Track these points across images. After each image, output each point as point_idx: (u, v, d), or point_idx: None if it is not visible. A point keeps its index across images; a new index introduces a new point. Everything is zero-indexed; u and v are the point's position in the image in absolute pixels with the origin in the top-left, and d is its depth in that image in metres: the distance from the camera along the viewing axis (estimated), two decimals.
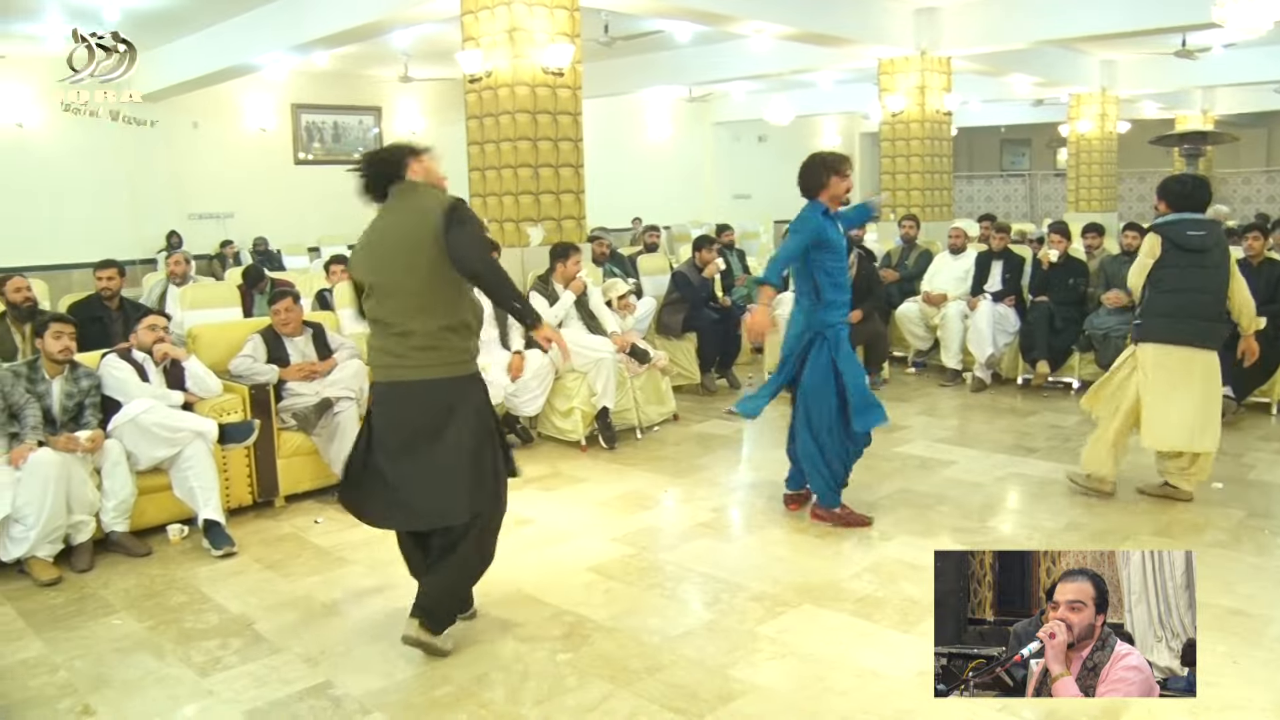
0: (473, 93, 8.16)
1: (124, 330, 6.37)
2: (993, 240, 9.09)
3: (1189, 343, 5.26)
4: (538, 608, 4.31)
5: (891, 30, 11.94)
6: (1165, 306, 5.29)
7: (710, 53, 14.71)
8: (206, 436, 5.29)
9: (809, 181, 5.17)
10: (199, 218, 14.91)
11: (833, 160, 5.17)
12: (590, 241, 8.98)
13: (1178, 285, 5.26)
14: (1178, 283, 5.26)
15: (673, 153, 20.48)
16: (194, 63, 12.76)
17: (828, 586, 4.46)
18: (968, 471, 6.21)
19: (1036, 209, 23.76)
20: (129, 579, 4.80)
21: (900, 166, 13.00)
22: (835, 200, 5.17)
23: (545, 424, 7.19)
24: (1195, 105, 19.91)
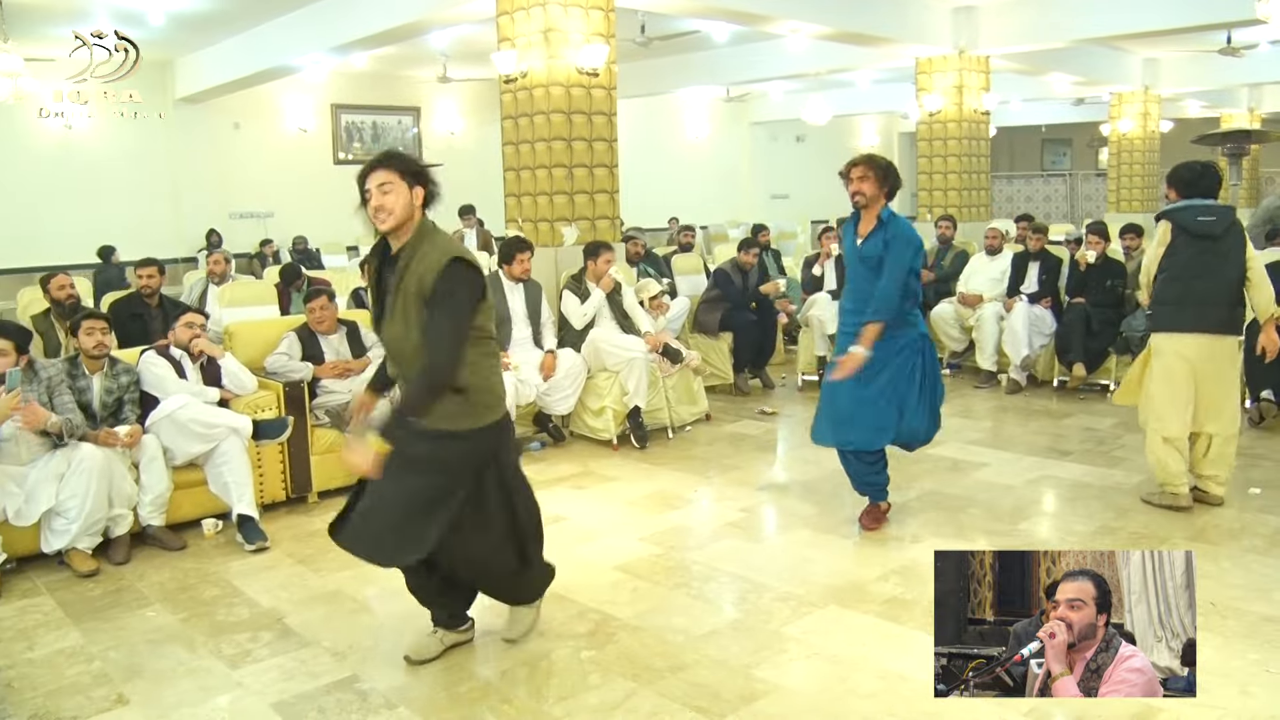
0: (508, 93, 8.21)
1: (163, 327, 6.47)
2: (1029, 241, 9.02)
3: (1202, 329, 5.20)
4: (564, 605, 4.33)
5: (929, 29, 11.87)
6: (1176, 294, 5.22)
7: (747, 52, 14.69)
8: (241, 433, 5.36)
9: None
10: (239, 217, 15.10)
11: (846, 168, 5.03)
12: (624, 241, 9.00)
13: (1189, 272, 5.18)
14: (1188, 270, 5.18)
15: (710, 153, 20.46)
16: (235, 64, 12.93)
17: (854, 588, 4.45)
18: (1000, 474, 6.17)
19: (1077, 209, 23.52)
20: (164, 572, 4.88)
21: (937, 166, 12.92)
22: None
23: (577, 422, 7.22)
24: (1241, 103, 19.61)
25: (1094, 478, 6.03)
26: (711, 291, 8.76)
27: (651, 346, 7.07)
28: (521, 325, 6.95)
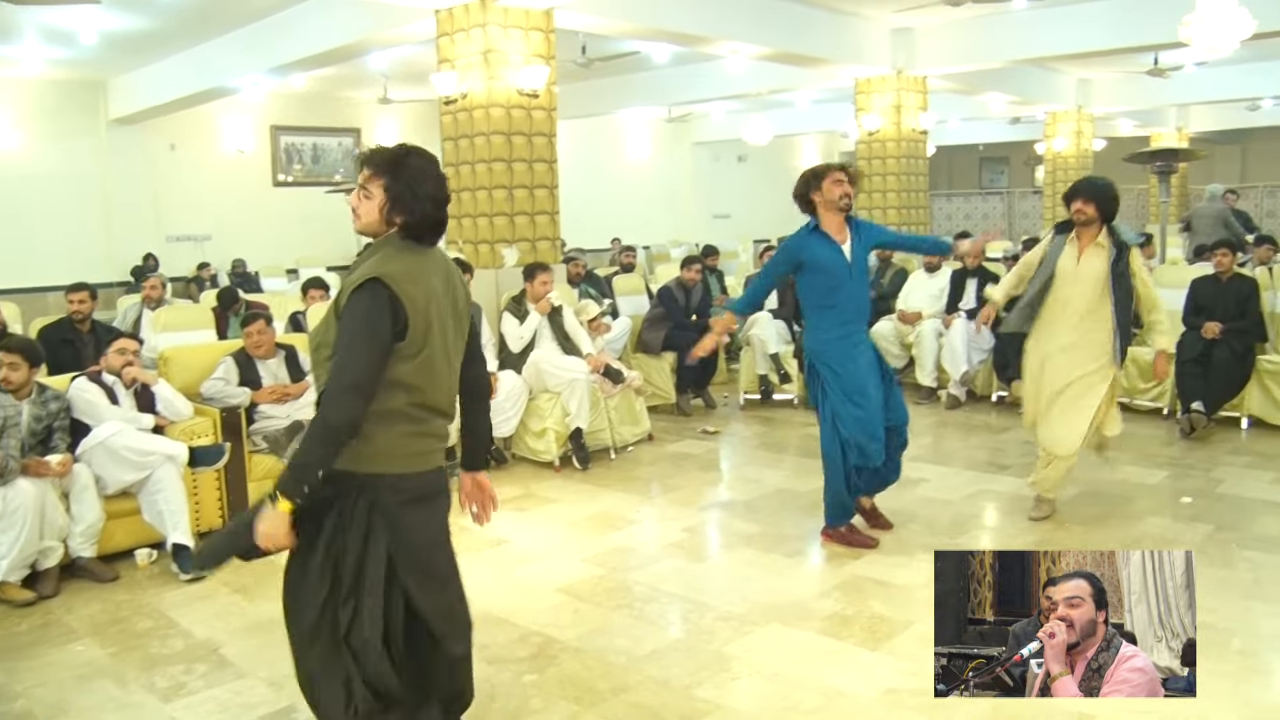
0: (448, 114, 8.19)
1: (95, 354, 6.35)
2: (967, 258, 9.15)
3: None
4: (506, 629, 4.30)
5: (867, 50, 12.02)
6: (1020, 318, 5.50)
7: (688, 73, 14.77)
8: (176, 460, 5.26)
9: (798, 196, 5.13)
10: (176, 240, 14.88)
11: (819, 168, 5.09)
12: (565, 262, 9.00)
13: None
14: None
15: (652, 173, 20.55)
16: (171, 85, 12.75)
17: (796, 605, 4.46)
18: (939, 489, 6.23)
19: (1015, 226, 23.87)
20: (94, 605, 4.77)
21: (877, 185, 13.07)
22: (830, 205, 5.01)
23: (519, 444, 7.18)
24: (1170, 123, 20.10)
25: (1031, 491, 6.10)
26: (655, 310, 8.78)
27: (593, 367, 7.06)
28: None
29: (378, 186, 2.76)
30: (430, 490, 2.89)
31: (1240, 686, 3.60)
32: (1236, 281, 7.58)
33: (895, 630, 4.16)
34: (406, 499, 2.81)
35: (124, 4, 9.74)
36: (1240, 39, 7.58)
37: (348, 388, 2.62)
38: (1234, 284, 7.56)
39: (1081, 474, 6.30)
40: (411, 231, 2.77)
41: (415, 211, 2.75)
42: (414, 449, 2.81)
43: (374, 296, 2.65)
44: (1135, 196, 21.28)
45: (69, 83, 13.75)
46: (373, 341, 2.64)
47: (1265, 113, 19.14)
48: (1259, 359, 7.45)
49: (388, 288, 2.65)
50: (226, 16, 10.58)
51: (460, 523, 5.62)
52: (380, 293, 2.64)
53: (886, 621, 4.25)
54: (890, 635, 4.11)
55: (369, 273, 2.67)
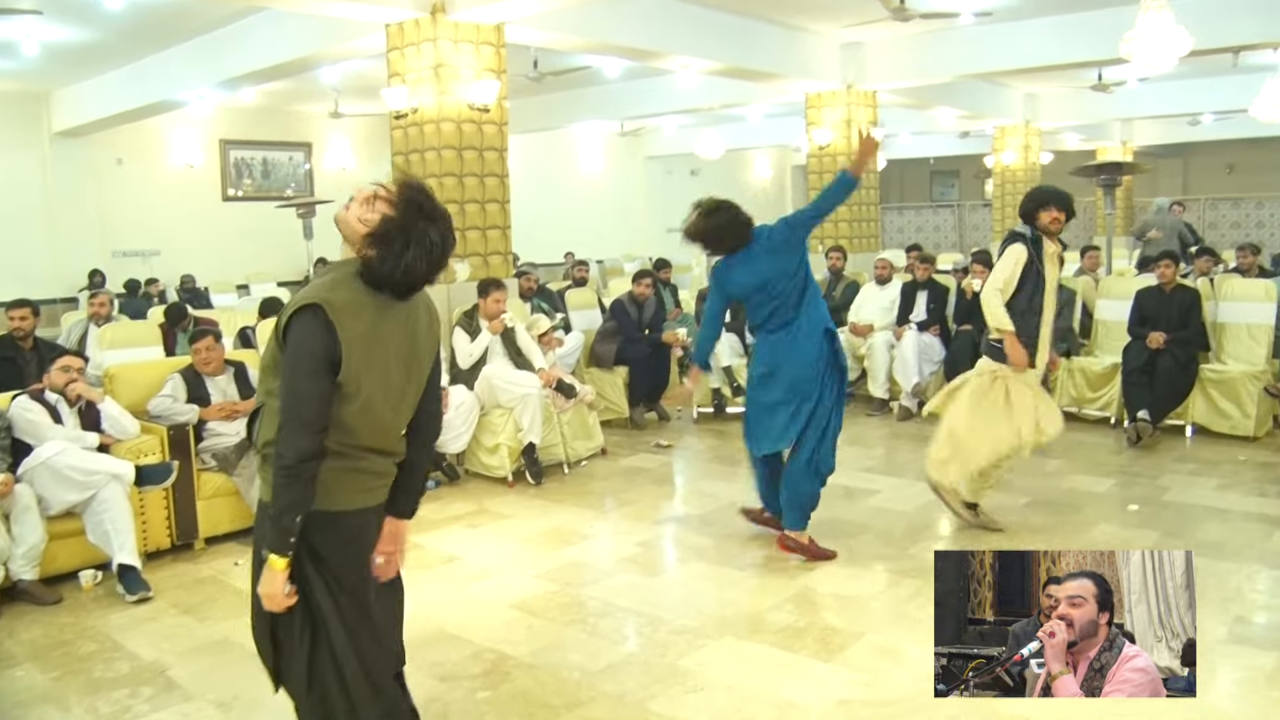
0: (398, 129, 8.15)
1: (38, 371, 6.22)
2: (917, 271, 9.24)
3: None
4: (459, 646, 4.27)
5: (817, 65, 12.12)
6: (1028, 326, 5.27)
7: (640, 88, 14.84)
8: (123, 479, 5.16)
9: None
10: (123, 255, 14.66)
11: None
12: (517, 277, 8.98)
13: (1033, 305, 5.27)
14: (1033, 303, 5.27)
15: (606, 187, 20.58)
16: (117, 98, 12.60)
17: (749, 618, 4.47)
18: (892, 500, 6.27)
19: (965, 239, 24.18)
20: (35, 629, 4.66)
21: None
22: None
23: (472, 460, 7.13)
24: (1115, 137, 20.48)
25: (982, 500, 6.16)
26: (608, 324, 8.78)
27: (545, 382, 7.03)
28: None
29: (382, 210, 2.57)
30: (369, 530, 2.77)
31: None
32: (1179, 292, 7.72)
33: (848, 641, 4.18)
34: (339, 538, 2.67)
35: (67, 16, 9.61)
36: (1178, 56, 7.75)
37: (295, 424, 2.50)
38: (1177, 295, 7.70)
39: (1031, 483, 6.40)
40: (370, 276, 2.58)
41: (385, 263, 2.53)
42: (349, 485, 2.66)
43: (313, 320, 2.51)
44: (1083, 209, 21.64)
45: (10, 95, 13.54)
46: (316, 371, 2.51)
47: (1205, 127, 19.56)
48: (1202, 368, 7.59)
49: (325, 314, 2.51)
50: (173, 29, 10.46)
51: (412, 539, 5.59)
52: (319, 316, 2.51)
53: (839, 633, 4.27)
54: (843, 646, 4.13)
55: (310, 297, 2.53)
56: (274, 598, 2.56)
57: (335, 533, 2.65)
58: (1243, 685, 3.72)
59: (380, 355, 2.62)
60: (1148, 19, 7.61)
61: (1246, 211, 21.55)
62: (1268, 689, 3.67)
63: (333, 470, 2.59)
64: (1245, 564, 4.94)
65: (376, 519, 2.79)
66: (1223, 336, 7.92)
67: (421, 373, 2.79)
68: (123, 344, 7.75)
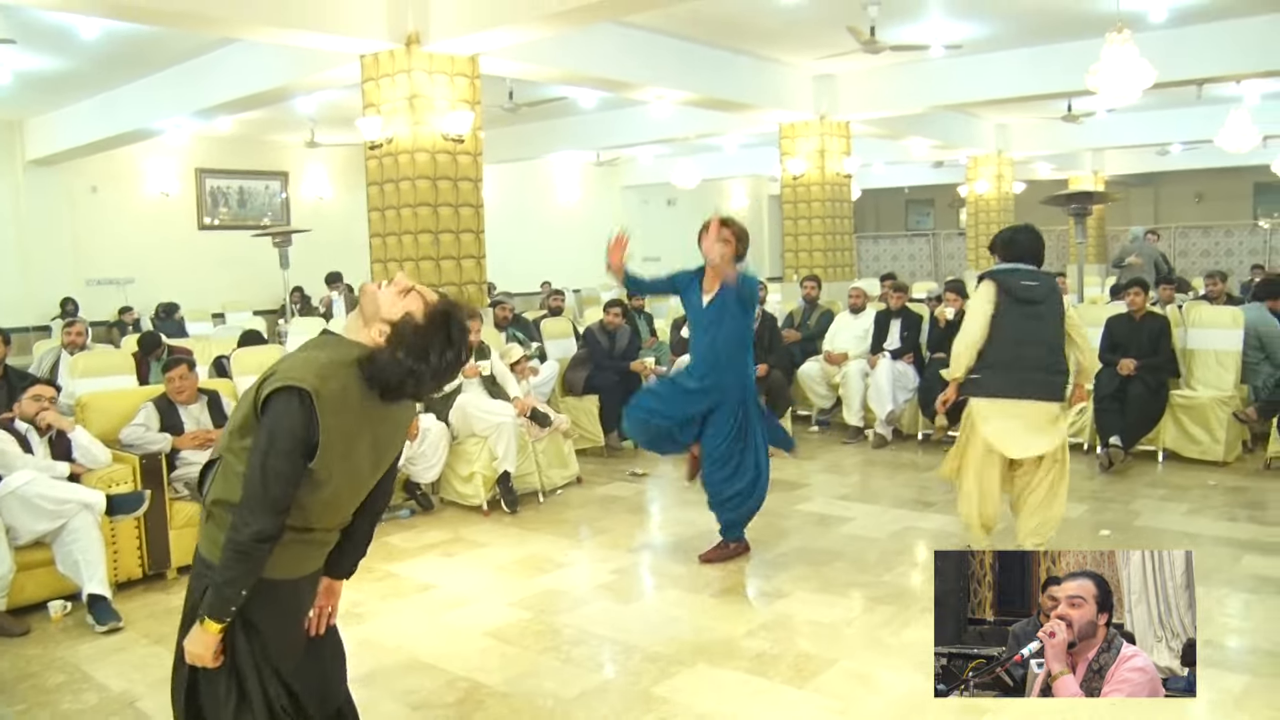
0: (373, 159, 8.18)
1: (8, 400, 6.17)
2: (891, 299, 9.31)
3: (1027, 395, 5.08)
4: (432, 674, 4.25)
5: (790, 95, 12.25)
6: (1005, 359, 5.08)
7: (615, 118, 14.95)
8: (94, 508, 5.13)
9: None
10: (97, 283, 14.59)
11: (708, 220, 5.34)
12: (492, 306, 8.99)
13: (1015, 336, 5.07)
14: (1015, 333, 5.08)
15: (582, 216, 20.65)
16: (91, 126, 12.58)
17: (722, 645, 4.47)
18: (865, 527, 6.30)
19: (941, 267, 24.36)
20: (2, 661, 4.59)
21: (802, 228, 13.27)
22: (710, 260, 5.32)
23: (446, 489, 7.12)
24: (1086, 166, 20.74)
25: (956, 527, 6.18)
26: (580, 351, 8.82)
27: (520, 411, 7.04)
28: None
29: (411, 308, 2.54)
30: (302, 600, 2.74)
31: (1154, 714, 3.66)
32: (1149, 319, 7.81)
33: (821, 668, 4.19)
34: (274, 607, 2.62)
35: (41, 44, 9.61)
36: (1142, 88, 7.90)
37: (259, 502, 2.43)
38: (1147, 322, 7.79)
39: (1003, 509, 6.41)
40: (370, 372, 2.53)
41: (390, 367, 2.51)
42: (292, 556, 2.62)
43: (300, 407, 2.45)
44: (1055, 238, 21.86)
45: None
46: (292, 453, 2.45)
47: (1174, 157, 19.83)
48: (1172, 394, 7.67)
49: (312, 404, 2.45)
50: (148, 58, 10.48)
51: (386, 568, 5.58)
52: (305, 403, 2.45)
53: (813, 659, 4.28)
54: (817, 673, 4.14)
55: (300, 380, 2.46)
56: (203, 658, 2.52)
57: (270, 600, 2.59)
58: (1213, 707, 3.74)
59: (356, 448, 2.58)
60: (1112, 52, 7.75)
61: (1215, 240, 21.82)
62: (1236, 712, 3.70)
63: (280, 544, 2.52)
64: (1214, 588, 4.98)
65: (312, 584, 2.76)
66: (1192, 363, 8.01)
67: (388, 461, 2.76)
68: (95, 373, 7.69)
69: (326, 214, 16.60)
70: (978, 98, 12.31)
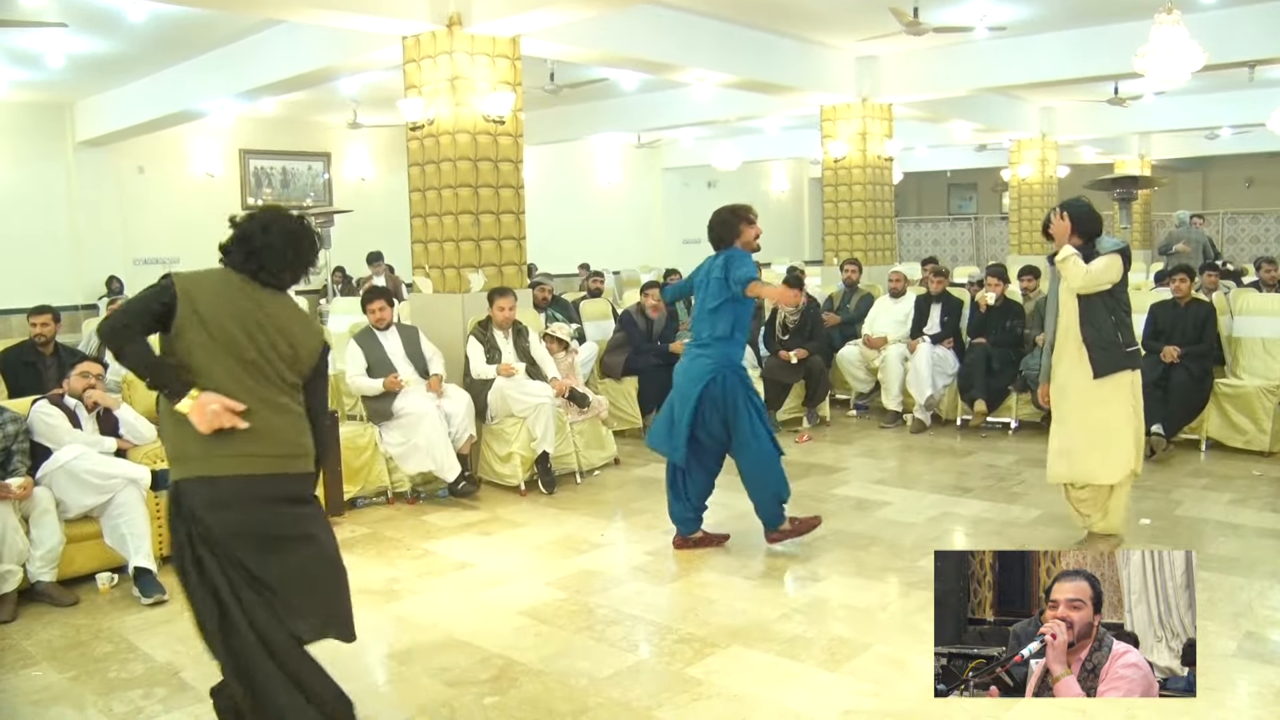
0: (414, 140, 8.21)
1: (58, 377, 6.31)
2: (931, 284, 9.25)
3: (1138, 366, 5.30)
4: (468, 651, 4.31)
5: (832, 78, 12.15)
6: (1129, 330, 5.23)
7: (656, 100, 14.89)
8: (139, 483, 5.24)
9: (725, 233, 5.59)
10: (144, 263, 14.77)
11: (742, 210, 5.57)
12: (531, 287, 9.03)
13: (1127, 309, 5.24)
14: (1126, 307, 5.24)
15: (623, 198, 20.63)
16: (139, 108, 12.72)
17: (757, 627, 4.49)
18: (902, 512, 6.28)
19: (982, 252, 24.13)
20: (52, 629, 4.73)
21: (843, 211, 13.18)
22: (748, 247, 5.52)
23: (484, 468, 7.18)
24: (1132, 150, 20.41)
25: (994, 513, 6.18)
26: (617, 334, 8.83)
27: (558, 391, 7.08)
28: (403, 366, 6.92)
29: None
30: (249, 496, 3.04)
31: (1191, 706, 3.64)
32: (1194, 306, 7.70)
33: (855, 652, 4.20)
34: (211, 503, 3.00)
35: (91, 27, 9.73)
36: (1191, 71, 7.76)
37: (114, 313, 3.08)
38: (1192, 309, 7.69)
39: (1042, 497, 6.38)
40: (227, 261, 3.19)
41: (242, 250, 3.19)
42: (217, 450, 2.99)
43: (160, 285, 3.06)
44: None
45: (35, 105, 13.69)
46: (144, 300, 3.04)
47: (1224, 141, 19.45)
48: (1217, 382, 7.57)
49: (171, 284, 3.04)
50: (194, 41, 10.58)
51: (424, 546, 5.65)
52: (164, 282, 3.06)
53: (847, 643, 4.28)
54: (850, 657, 4.15)
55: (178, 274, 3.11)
56: (215, 411, 2.93)
57: (210, 499, 3.00)
58: (1253, 700, 3.71)
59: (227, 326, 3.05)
60: (1161, 34, 7.63)
61: (1266, 226, 21.43)
62: (1277, 704, 3.66)
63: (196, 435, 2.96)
64: (1257, 580, 4.93)
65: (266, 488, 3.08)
66: (1238, 351, 7.90)
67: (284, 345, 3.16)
68: None
69: (368, 195, 16.69)
70: (1022, 80, 12.12)
